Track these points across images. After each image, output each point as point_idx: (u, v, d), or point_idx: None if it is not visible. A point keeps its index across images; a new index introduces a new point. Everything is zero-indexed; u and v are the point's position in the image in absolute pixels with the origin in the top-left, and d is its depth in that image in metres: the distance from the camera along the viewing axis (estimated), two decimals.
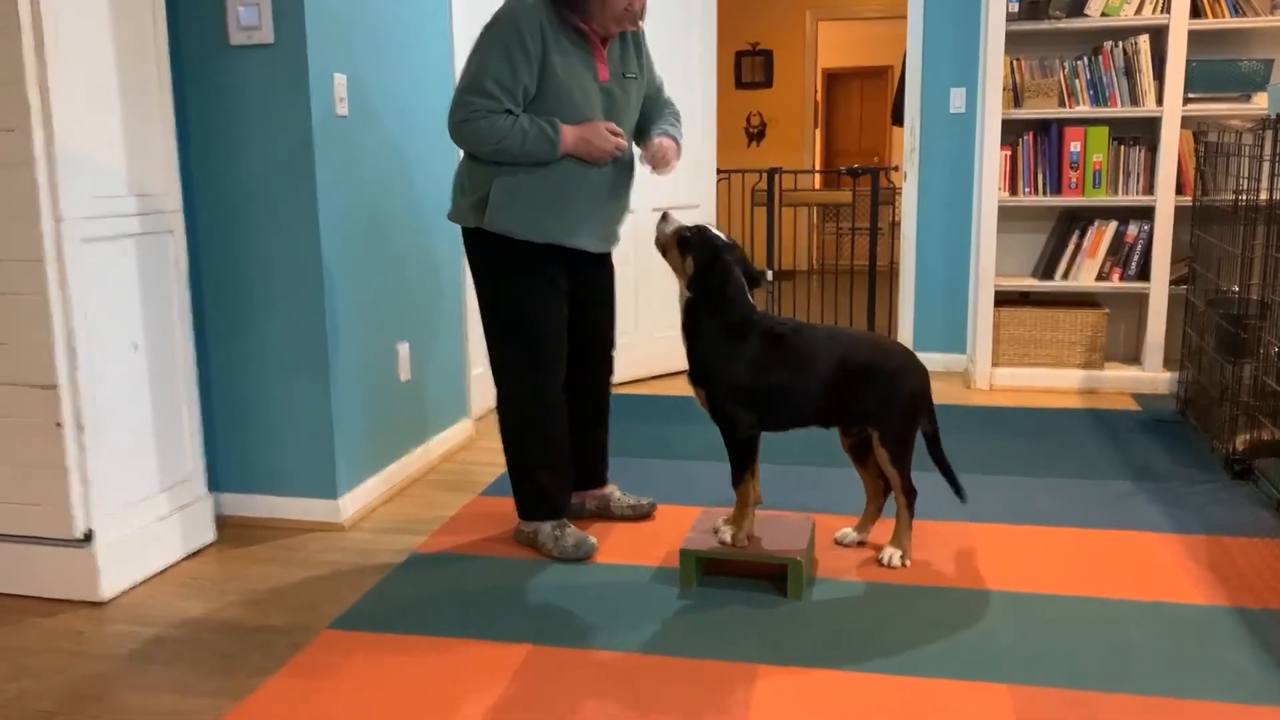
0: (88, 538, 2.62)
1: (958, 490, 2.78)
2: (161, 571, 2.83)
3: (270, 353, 3.09)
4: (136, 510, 2.76)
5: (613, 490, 3.13)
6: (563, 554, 2.82)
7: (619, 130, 2.70)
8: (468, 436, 4.02)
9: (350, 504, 3.17)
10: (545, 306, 2.76)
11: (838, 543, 2.87)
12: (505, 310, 2.76)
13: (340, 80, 3.06)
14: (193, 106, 3.00)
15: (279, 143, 2.97)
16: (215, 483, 3.17)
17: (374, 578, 2.75)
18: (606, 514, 3.11)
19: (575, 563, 2.80)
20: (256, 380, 3.12)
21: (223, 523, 3.15)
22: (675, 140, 2.85)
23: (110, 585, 2.66)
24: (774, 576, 2.66)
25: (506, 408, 2.85)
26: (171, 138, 2.83)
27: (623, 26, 2.66)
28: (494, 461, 3.76)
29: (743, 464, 2.64)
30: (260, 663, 2.31)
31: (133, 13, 2.69)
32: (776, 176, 5.87)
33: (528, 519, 2.90)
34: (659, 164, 2.78)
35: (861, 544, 2.86)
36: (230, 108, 2.98)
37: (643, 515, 3.11)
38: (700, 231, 2.61)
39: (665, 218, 2.66)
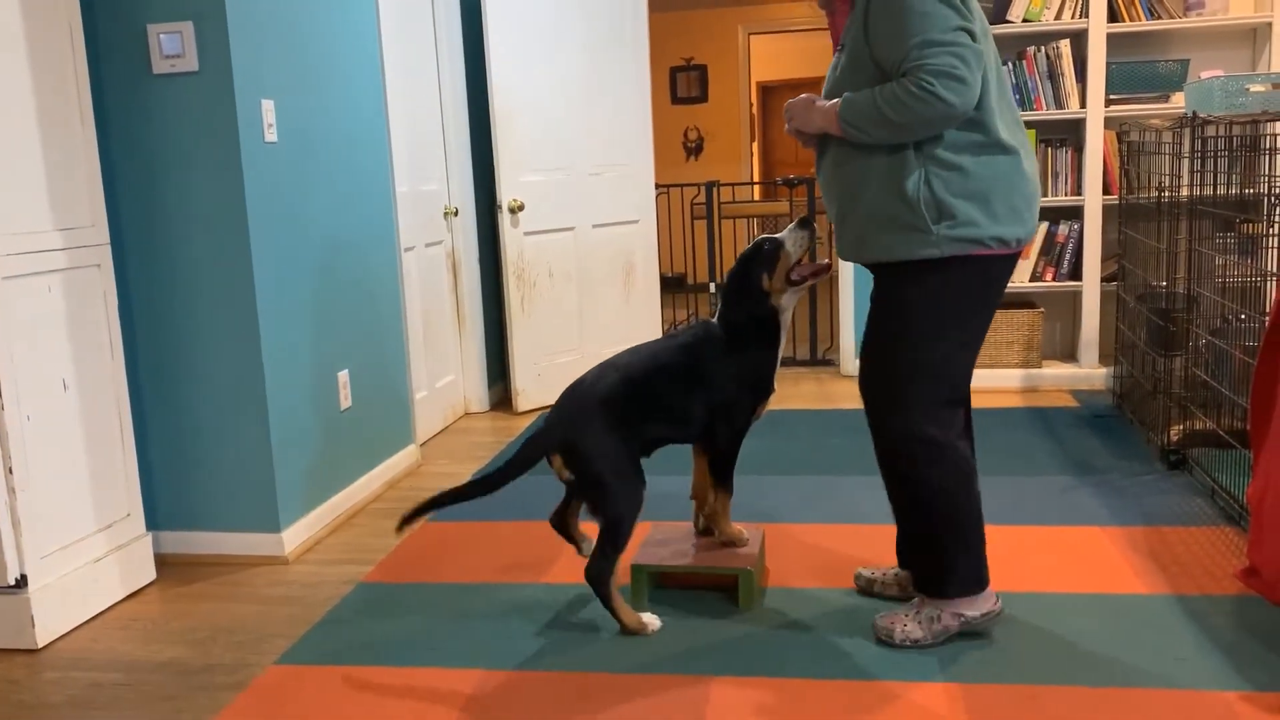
0: (21, 583, 2.54)
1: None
2: (100, 614, 2.76)
3: (206, 385, 3.03)
4: (72, 552, 2.68)
5: None
6: None
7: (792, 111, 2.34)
8: (414, 463, 3.98)
9: (294, 536, 3.12)
10: None
11: None
12: None
13: (268, 106, 3.03)
14: (117, 138, 2.95)
15: (207, 171, 2.92)
16: (154, 520, 3.10)
17: (320, 610, 2.71)
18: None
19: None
20: (193, 414, 3.06)
21: (163, 561, 3.08)
22: (826, 102, 2.25)
23: (46, 631, 2.59)
24: (726, 588, 2.66)
25: None
26: (96, 170, 2.77)
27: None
28: (441, 486, 3.70)
29: None
30: (206, 703, 2.26)
31: (50, 42, 2.63)
32: (715, 189, 5.91)
33: None
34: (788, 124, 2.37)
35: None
36: (156, 137, 2.93)
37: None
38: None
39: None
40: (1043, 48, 4.55)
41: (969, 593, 2.34)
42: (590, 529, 2.86)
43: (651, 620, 2.49)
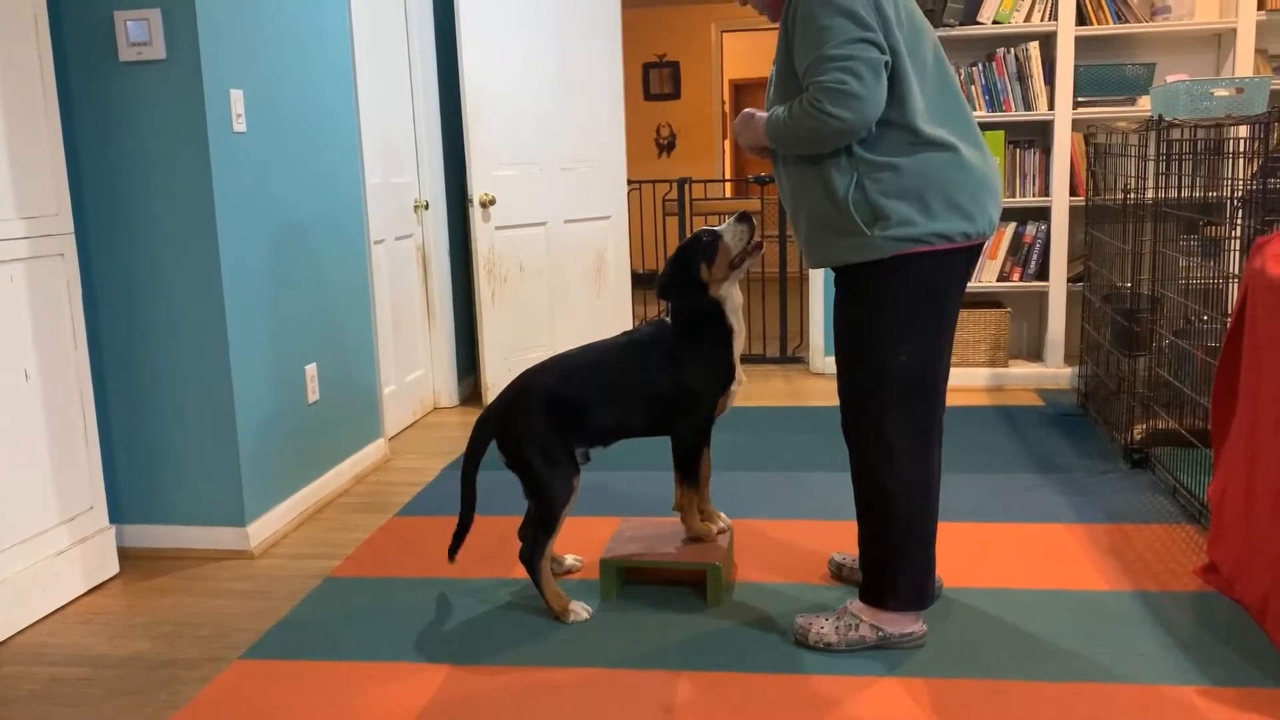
0: None
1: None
2: (62, 608, 2.72)
3: (171, 377, 3.00)
4: (33, 545, 2.65)
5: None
6: None
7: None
8: (382, 456, 3.95)
9: (260, 530, 3.09)
10: None
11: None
12: None
13: (237, 96, 3.00)
14: (82, 126, 2.90)
15: (174, 161, 2.89)
16: (117, 514, 3.06)
17: (286, 605, 2.69)
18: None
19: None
20: (158, 406, 3.02)
21: (126, 555, 3.04)
22: (763, 116, 2.28)
23: (6, 625, 2.55)
24: (694, 583, 2.67)
25: None
26: (60, 158, 2.73)
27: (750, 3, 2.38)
28: (410, 481, 3.70)
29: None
30: (169, 698, 2.23)
31: (14, 28, 2.59)
32: (687, 186, 5.92)
33: None
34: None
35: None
36: (122, 126, 2.89)
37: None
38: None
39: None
40: (1012, 49, 4.59)
41: (907, 609, 2.32)
42: (561, 548, 2.86)
43: (578, 609, 2.53)
